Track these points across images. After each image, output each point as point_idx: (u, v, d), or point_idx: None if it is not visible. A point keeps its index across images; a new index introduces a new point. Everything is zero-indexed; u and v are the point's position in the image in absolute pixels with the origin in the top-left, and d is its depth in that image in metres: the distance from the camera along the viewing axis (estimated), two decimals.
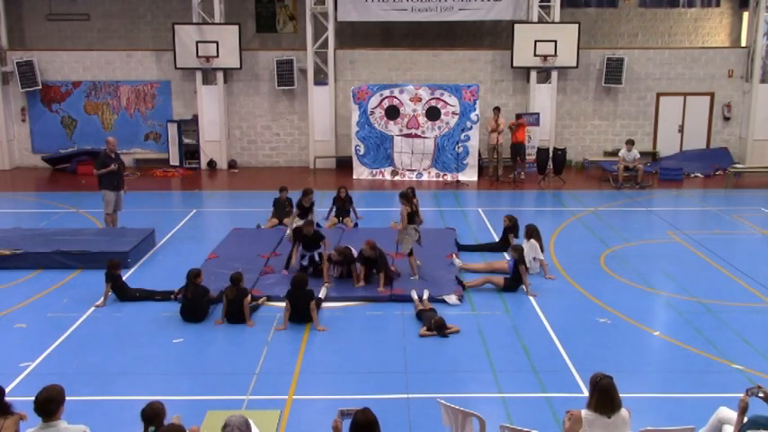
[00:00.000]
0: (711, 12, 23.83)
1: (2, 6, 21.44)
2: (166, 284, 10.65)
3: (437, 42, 22.52)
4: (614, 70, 21.15)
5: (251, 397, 7.61)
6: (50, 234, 12.95)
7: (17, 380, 7.91)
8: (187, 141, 21.61)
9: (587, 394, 5.95)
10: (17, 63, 21.01)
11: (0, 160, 21.49)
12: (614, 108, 21.86)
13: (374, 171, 20.13)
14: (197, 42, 20.64)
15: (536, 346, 8.85)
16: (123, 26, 23.25)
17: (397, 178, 19.88)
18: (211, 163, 21.58)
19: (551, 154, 19.42)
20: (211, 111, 21.38)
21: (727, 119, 21.83)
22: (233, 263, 11.55)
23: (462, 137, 19.73)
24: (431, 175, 19.95)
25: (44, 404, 5.40)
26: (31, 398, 5.51)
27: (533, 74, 21.09)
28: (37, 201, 17.75)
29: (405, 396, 7.57)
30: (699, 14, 23.77)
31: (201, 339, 9.14)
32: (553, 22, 20.90)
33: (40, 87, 21.49)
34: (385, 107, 19.89)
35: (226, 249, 12.66)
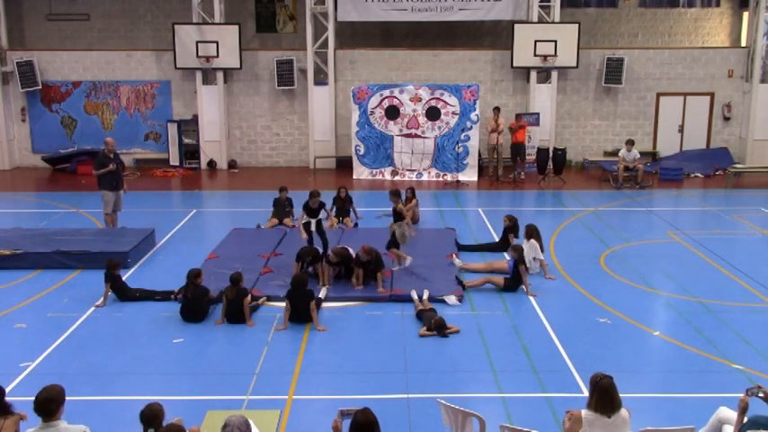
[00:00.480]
0: (711, 12, 23.82)
1: (2, 6, 21.43)
2: (166, 284, 10.66)
3: (437, 42, 22.51)
4: (614, 70, 21.14)
5: (251, 397, 7.61)
6: (50, 234, 12.95)
7: (17, 380, 7.91)
8: (187, 141, 21.60)
9: (587, 394, 5.95)
10: (17, 63, 21.01)
11: (0, 160, 21.49)
12: (614, 108, 21.85)
13: (374, 171, 20.12)
14: (197, 42, 20.63)
15: (536, 346, 8.85)
16: (123, 26, 23.24)
17: (398, 178, 19.86)
18: (211, 163, 21.58)
19: (551, 154, 19.41)
20: (211, 111, 21.37)
21: (727, 119, 21.82)
22: (233, 263, 11.55)
23: (462, 137, 19.72)
24: (431, 175, 19.95)
25: (44, 404, 5.40)
26: (31, 398, 5.51)
27: (533, 74, 21.08)
28: (37, 201, 17.75)
29: (405, 396, 7.57)
30: (699, 14, 23.76)
31: (201, 339, 9.14)
32: (553, 22, 20.89)
33: (40, 87, 21.48)
34: (385, 107, 19.88)
35: (226, 249, 12.67)
